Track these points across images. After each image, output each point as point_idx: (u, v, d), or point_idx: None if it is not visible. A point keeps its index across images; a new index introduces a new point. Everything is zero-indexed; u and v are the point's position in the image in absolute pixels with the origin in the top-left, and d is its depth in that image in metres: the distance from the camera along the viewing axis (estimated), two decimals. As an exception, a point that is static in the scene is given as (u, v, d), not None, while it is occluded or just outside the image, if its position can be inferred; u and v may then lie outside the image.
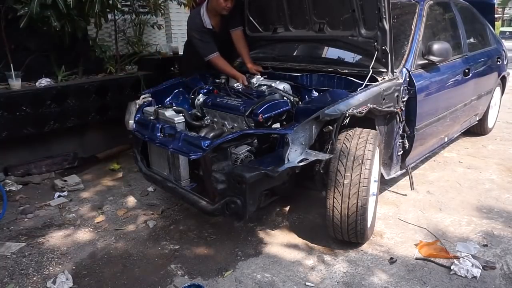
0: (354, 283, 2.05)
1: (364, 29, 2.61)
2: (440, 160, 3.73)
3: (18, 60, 3.56)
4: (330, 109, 2.09)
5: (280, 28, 3.17)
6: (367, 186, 2.09)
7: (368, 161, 2.09)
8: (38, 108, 3.41)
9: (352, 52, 2.81)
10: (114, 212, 2.88)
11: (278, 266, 2.20)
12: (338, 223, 2.17)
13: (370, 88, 2.39)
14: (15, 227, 2.66)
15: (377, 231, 2.51)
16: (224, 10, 3.05)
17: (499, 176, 3.37)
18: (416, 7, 2.98)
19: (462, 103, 3.41)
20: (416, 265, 2.18)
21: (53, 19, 3.26)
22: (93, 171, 3.68)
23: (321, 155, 2.02)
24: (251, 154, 2.24)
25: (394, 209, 2.81)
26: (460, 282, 2.04)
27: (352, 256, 2.27)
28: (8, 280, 2.12)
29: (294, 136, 1.98)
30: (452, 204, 2.89)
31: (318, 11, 2.84)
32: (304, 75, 2.93)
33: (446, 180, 3.29)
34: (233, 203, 2.05)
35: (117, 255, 2.33)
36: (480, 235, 2.47)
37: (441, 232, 2.51)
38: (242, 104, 2.54)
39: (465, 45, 3.53)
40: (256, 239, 2.47)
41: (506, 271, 2.12)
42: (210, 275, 2.13)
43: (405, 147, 2.71)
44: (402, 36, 2.85)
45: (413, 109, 2.67)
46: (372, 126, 2.40)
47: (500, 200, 2.94)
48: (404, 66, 2.66)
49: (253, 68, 3.23)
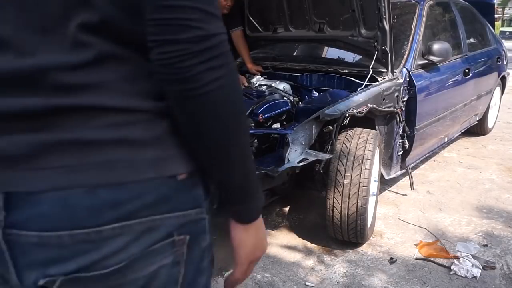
0: (354, 283, 2.05)
1: (364, 29, 2.61)
2: (440, 160, 3.73)
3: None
4: (330, 109, 2.09)
5: (280, 28, 3.17)
6: (367, 186, 2.09)
7: (368, 161, 2.09)
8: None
9: (352, 52, 2.81)
10: (114, 212, 2.88)
11: (278, 266, 2.20)
12: (338, 223, 2.17)
13: (370, 88, 2.39)
14: (15, 227, 2.66)
15: (377, 231, 2.51)
16: (224, 8, 3.05)
17: (499, 176, 3.37)
18: (416, 7, 2.98)
19: (462, 103, 3.41)
20: (416, 265, 2.18)
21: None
22: (93, 171, 3.68)
23: (321, 155, 2.02)
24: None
25: (394, 209, 2.81)
26: (460, 282, 2.03)
27: (352, 256, 2.27)
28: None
29: (294, 136, 1.98)
30: (452, 204, 2.89)
31: (318, 11, 2.84)
32: (304, 75, 2.93)
33: (446, 180, 3.29)
34: (233, 203, 2.05)
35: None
36: (480, 235, 2.47)
37: (441, 232, 2.51)
38: (242, 104, 2.53)
39: (465, 45, 3.53)
40: (256, 239, 2.47)
41: (506, 271, 2.12)
42: (210, 275, 2.13)
43: (405, 147, 2.71)
44: (402, 36, 2.85)
45: (413, 109, 2.67)
46: (372, 126, 2.40)
47: (500, 200, 2.94)
48: (404, 66, 2.66)
49: (253, 68, 3.23)
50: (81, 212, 0.51)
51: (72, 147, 0.52)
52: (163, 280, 0.59)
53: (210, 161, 0.59)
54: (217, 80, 0.53)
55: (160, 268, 0.57)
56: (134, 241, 0.54)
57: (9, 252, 0.53)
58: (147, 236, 0.55)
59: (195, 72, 0.51)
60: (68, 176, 0.51)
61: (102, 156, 0.52)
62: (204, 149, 0.58)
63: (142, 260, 0.55)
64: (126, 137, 0.54)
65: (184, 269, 0.60)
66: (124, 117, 0.54)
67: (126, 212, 0.53)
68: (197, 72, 0.51)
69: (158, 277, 0.58)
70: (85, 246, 0.52)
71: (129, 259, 0.54)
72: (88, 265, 0.53)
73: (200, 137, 0.57)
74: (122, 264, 0.54)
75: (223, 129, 0.56)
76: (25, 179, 0.51)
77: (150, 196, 0.55)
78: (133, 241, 0.54)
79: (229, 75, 0.54)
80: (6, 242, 0.52)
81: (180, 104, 0.54)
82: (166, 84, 0.53)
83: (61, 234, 0.51)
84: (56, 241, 0.52)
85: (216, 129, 0.56)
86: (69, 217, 0.51)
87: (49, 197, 0.51)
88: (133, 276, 0.55)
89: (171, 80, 0.52)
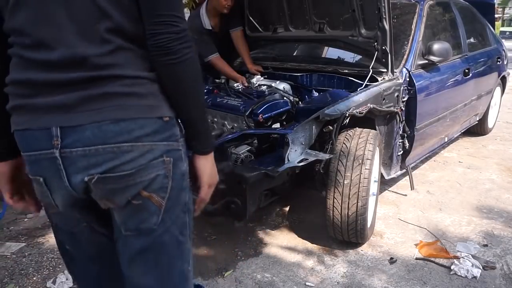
0: (354, 283, 2.05)
1: (364, 29, 2.61)
2: (440, 160, 3.73)
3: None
4: (330, 109, 2.09)
5: (280, 28, 3.17)
6: (367, 186, 2.09)
7: (368, 161, 2.09)
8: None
9: (352, 52, 2.81)
10: (114, 212, 2.88)
11: (278, 266, 2.20)
12: (338, 223, 2.17)
13: (370, 88, 2.39)
14: (15, 227, 2.66)
15: (377, 231, 2.51)
16: (225, 8, 3.05)
17: (499, 176, 3.37)
18: (416, 7, 2.98)
19: (462, 103, 3.41)
20: (416, 265, 2.18)
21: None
22: (93, 171, 3.68)
23: (321, 155, 2.02)
24: (251, 154, 2.24)
25: (394, 209, 2.81)
26: (460, 282, 2.04)
27: (352, 256, 2.27)
28: (8, 280, 2.12)
29: (294, 136, 1.98)
30: (452, 204, 2.89)
31: (318, 11, 2.84)
32: (304, 75, 2.93)
33: (446, 180, 3.29)
34: (233, 203, 2.05)
35: (117, 255, 2.33)
36: (480, 235, 2.47)
37: (441, 232, 2.51)
38: (242, 104, 2.54)
39: (465, 45, 3.53)
40: (256, 239, 2.47)
41: (506, 271, 2.12)
42: (210, 275, 2.13)
43: (405, 147, 2.71)
44: (402, 36, 2.85)
45: (413, 109, 2.67)
46: (372, 126, 2.40)
47: (500, 200, 2.94)
48: (404, 66, 2.66)
49: (253, 68, 3.22)
50: (109, 134, 0.89)
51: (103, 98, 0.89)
52: (158, 185, 0.95)
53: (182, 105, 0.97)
54: (188, 54, 0.92)
55: (156, 176, 0.94)
56: (140, 156, 0.92)
57: (63, 164, 0.90)
58: (148, 154, 0.92)
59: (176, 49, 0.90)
60: (101, 114, 0.88)
61: (121, 102, 0.90)
62: (179, 97, 0.96)
63: (145, 169, 0.93)
64: (134, 92, 0.92)
65: (171, 183, 0.97)
66: (132, 81, 0.92)
67: (135, 137, 0.91)
68: (177, 49, 0.90)
69: (155, 182, 0.94)
70: (111, 156, 0.89)
71: (137, 167, 0.91)
72: (113, 167, 0.90)
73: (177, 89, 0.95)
74: (133, 170, 0.91)
75: (190, 83, 0.96)
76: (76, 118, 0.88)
77: (148, 129, 0.92)
78: (139, 156, 0.91)
79: (193, 51, 0.93)
80: (61, 158, 0.89)
81: (167, 69, 0.92)
82: (158, 57, 0.91)
83: (97, 147, 0.89)
84: (94, 152, 0.89)
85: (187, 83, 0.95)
86: (101, 137, 0.88)
87: (90, 127, 0.88)
88: (140, 179, 0.93)
89: (162, 55, 0.90)
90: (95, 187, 0.92)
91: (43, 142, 0.90)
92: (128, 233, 0.99)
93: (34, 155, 0.92)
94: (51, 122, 0.89)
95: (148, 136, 0.92)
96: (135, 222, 0.97)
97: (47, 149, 0.90)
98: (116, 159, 0.90)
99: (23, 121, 0.92)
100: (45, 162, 0.91)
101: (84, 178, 0.90)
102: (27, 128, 0.91)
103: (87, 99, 0.88)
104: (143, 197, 0.94)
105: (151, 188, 0.94)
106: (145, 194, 0.94)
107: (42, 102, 0.89)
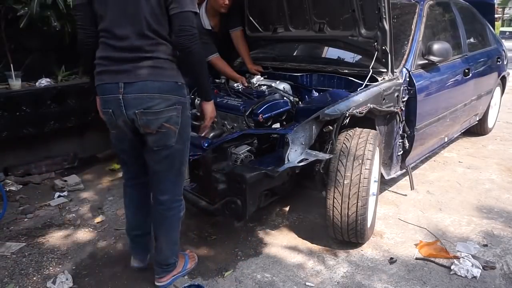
0: (354, 283, 2.05)
1: (364, 29, 2.61)
2: (440, 160, 3.73)
3: (18, 60, 3.55)
4: (330, 109, 2.09)
5: (280, 28, 3.17)
6: (367, 186, 2.09)
7: (368, 161, 2.09)
8: (38, 108, 3.40)
9: (352, 52, 2.81)
10: (114, 212, 2.88)
11: (278, 266, 2.20)
12: (338, 223, 2.17)
13: (370, 88, 2.39)
14: (15, 227, 2.66)
15: (377, 231, 2.51)
16: (222, 8, 3.04)
17: (499, 176, 3.37)
18: (416, 7, 2.98)
19: (462, 103, 3.41)
20: (416, 265, 2.18)
21: (53, 19, 3.26)
22: (93, 171, 3.67)
23: (321, 155, 2.03)
24: (251, 154, 2.25)
25: (394, 209, 2.81)
26: (460, 282, 2.04)
27: (352, 256, 2.27)
28: (8, 280, 2.12)
29: (294, 136, 1.98)
30: (452, 204, 2.89)
31: (318, 11, 2.84)
32: (304, 75, 2.93)
33: (446, 180, 3.29)
34: (233, 203, 2.05)
35: (117, 255, 2.33)
36: (480, 235, 2.47)
37: (441, 232, 2.51)
38: (242, 104, 2.54)
39: (465, 45, 3.53)
40: (256, 239, 2.47)
41: (506, 271, 2.12)
42: (210, 275, 2.13)
43: (405, 147, 2.71)
44: (402, 36, 2.85)
45: (413, 109, 2.67)
46: (372, 126, 2.40)
47: (500, 200, 2.94)
48: (404, 66, 2.66)
49: (253, 68, 3.23)
50: (150, 88, 1.70)
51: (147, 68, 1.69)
52: (174, 120, 1.76)
53: (194, 74, 1.82)
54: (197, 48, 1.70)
55: (172, 115, 1.75)
56: (163, 102, 1.72)
57: (123, 103, 1.71)
58: (168, 101, 1.73)
59: (190, 45, 1.68)
60: (147, 76, 1.69)
61: (157, 71, 1.71)
62: (193, 73, 1.81)
63: (167, 111, 1.73)
64: (163, 66, 1.72)
65: (180, 119, 1.78)
66: (162, 61, 1.72)
67: (164, 90, 1.72)
68: (191, 45, 1.68)
69: (172, 118, 1.75)
70: (148, 100, 1.70)
71: (162, 108, 1.72)
72: (149, 107, 1.70)
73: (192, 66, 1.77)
74: (160, 109, 1.72)
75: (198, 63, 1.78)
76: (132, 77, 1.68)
77: (169, 88, 1.73)
78: (163, 102, 1.72)
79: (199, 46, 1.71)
80: (122, 100, 1.70)
81: (185, 56, 1.72)
82: (181, 50, 1.72)
83: (142, 95, 1.69)
84: (141, 97, 1.69)
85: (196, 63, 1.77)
86: (145, 90, 1.69)
87: (139, 83, 1.69)
88: (163, 115, 1.73)
89: (184, 48, 1.70)
90: (139, 118, 1.71)
91: (114, 90, 1.70)
92: (158, 148, 1.79)
93: (108, 97, 1.74)
94: (119, 80, 1.69)
95: (168, 92, 1.72)
96: (162, 141, 1.77)
97: (115, 94, 1.70)
98: (151, 102, 1.69)
99: (104, 79, 1.73)
100: (113, 101, 1.72)
101: (134, 111, 1.70)
102: (106, 83, 1.72)
103: (139, 68, 1.68)
104: (166, 126, 1.74)
105: (170, 122, 1.74)
106: (167, 125, 1.74)
107: (115, 69, 1.69)
